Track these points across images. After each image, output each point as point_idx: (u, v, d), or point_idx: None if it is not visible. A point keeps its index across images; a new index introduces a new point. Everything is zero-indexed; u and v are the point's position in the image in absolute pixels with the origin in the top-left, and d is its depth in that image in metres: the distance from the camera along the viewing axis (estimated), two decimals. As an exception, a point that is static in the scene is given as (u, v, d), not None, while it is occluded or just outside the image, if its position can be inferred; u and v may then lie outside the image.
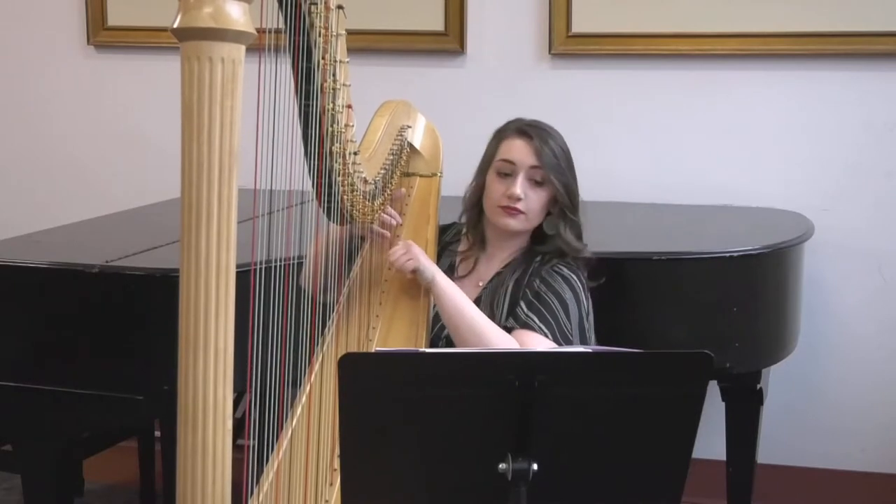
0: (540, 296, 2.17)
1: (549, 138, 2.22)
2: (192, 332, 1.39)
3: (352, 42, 1.96)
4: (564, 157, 2.22)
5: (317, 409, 2.04)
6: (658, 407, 1.55)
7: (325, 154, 1.94)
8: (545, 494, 1.56)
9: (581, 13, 3.27)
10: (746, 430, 2.76)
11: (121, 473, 3.41)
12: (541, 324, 2.13)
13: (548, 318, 2.14)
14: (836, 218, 3.17)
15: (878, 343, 3.23)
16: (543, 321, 2.14)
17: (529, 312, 2.15)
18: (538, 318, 2.14)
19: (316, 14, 1.83)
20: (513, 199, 2.18)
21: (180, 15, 1.36)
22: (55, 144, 3.74)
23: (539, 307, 2.15)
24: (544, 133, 2.22)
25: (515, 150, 2.21)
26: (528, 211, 2.20)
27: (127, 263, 2.36)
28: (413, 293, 2.23)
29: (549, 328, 2.13)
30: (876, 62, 3.13)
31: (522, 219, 2.21)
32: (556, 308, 2.15)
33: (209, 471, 1.42)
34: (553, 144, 2.21)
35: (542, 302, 2.16)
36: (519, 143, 2.21)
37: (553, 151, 2.20)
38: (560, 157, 2.21)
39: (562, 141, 2.24)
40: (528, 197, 2.19)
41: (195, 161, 1.37)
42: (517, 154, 2.20)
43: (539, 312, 2.15)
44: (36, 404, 2.36)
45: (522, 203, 2.19)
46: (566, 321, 2.15)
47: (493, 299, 2.22)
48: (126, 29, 3.61)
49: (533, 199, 2.20)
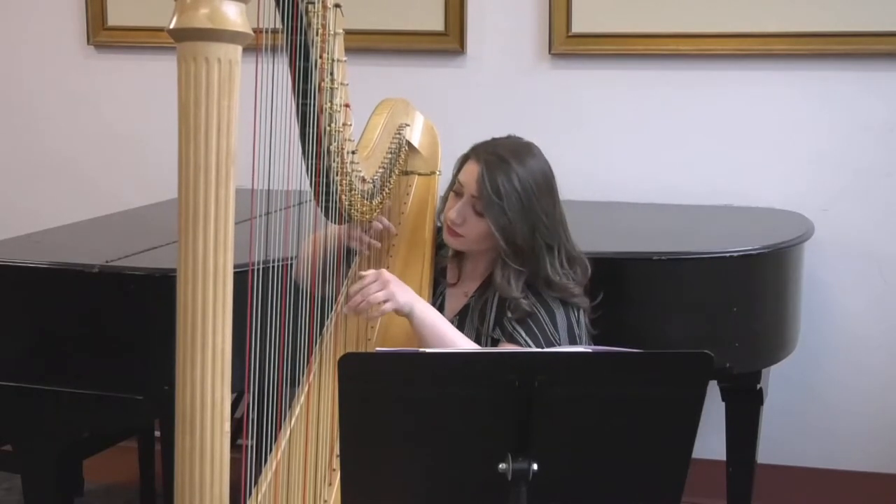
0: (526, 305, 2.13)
1: (505, 171, 2.09)
2: (190, 333, 1.39)
3: (352, 42, 1.96)
4: (516, 196, 2.08)
5: (315, 409, 2.04)
6: (658, 407, 1.55)
7: (322, 153, 1.94)
8: (545, 494, 1.56)
9: (581, 13, 3.26)
10: (746, 430, 2.76)
11: (121, 473, 3.41)
12: (527, 336, 2.11)
13: (534, 329, 2.11)
14: (836, 218, 3.17)
15: (878, 343, 3.23)
16: (529, 333, 2.11)
17: (516, 324, 2.12)
18: (524, 331, 2.11)
19: (313, 13, 1.83)
20: (448, 219, 2.17)
21: (176, 16, 1.35)
22: (55, 144, 3.74)
23: (525, 318, 2.12)
24: (504, 166, 2.10)
25: (467, 174, 2.15)
26: (467, 234, 2.16)
27: (127, 263, 2.36)
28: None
29: (534, 340, 2.10)
30: (876, 62, 3.13)
31: (462, 241, 2.18)
32: (543, 318, 2.12)
33: (207, 473, 1.42)
34: (503, 178, 2.08)
35: (529, 314, 2.13)
36: (470, 167, 2.15)
37: (499, 187, 2.08)
38: (506, 193, 2.08)
39: (527, 176, 2.10)
40: (467, 223, 2.15)
41: (192, 162, 1.37)
42: (465, 178, 2.15)
43: (525, 324, 2.12)
44: (36, 404, 2.36)
45: (460, 228, 2.16)
46: (553, 331, 2.12)
47: (479, 308, 2.20)
48: (126, 29, 3.61)
49: (471, 226, 2.15)
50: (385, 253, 2.31)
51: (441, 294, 2.27)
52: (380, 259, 2.30)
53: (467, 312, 2.22)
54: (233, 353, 1.43)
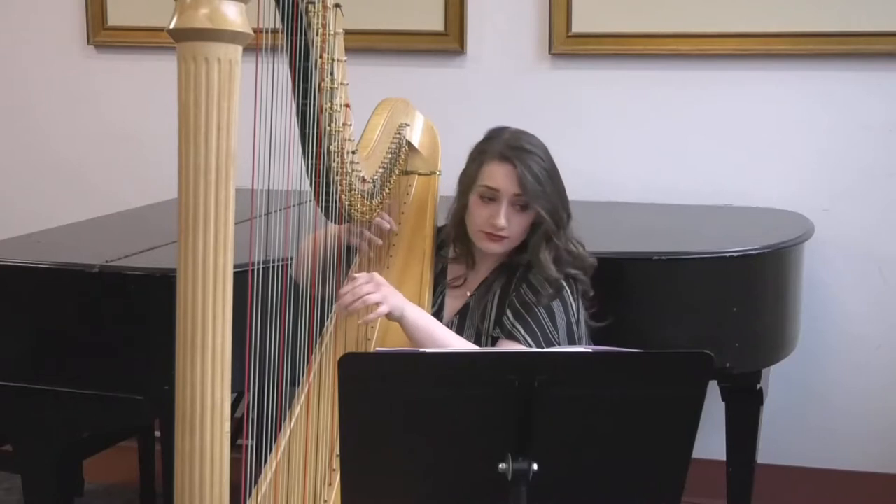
0: (527, 304, 2.14)
1: (532, 159, 2.13)
2: (190, 334, 1.39)
3: (352, 42, 1.96)
4: (548, 177, 2.13)
5: (315, 409, 2.04)
6: (658, 407, 1.55)
7: (322, 153, 1.94)
8: (545, 494, 1.56)
9: (581, 13, 3.26)
10: (746, 430, 2.76)
11: (121, 473, 3.41)
12: (525, 334, 2.11)
13: (533, 327, 2.12)
14: (837, 218, 3.17)
15: (878, 343, 3.23)
16: (528, 331, 2.11)
17: (515, 322, 2.13)
18: (523, 328, 2.11)
19: (313, 13, 1.83)
20: (496, 227, 2.15)
21: (176, 16, 1.35)
22: (55, 144, 3.74)
23: (525, 316, 2.13)
24: (526, 154, 2.13)
25: (499, 178, 2.14)
26: (512, 234, 2.16)
27: (127, 263, 2.36)
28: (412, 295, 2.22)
29: (533, 338, 2.10)
30: (876, 62, 3.13)
31: (506, 242, 2.17)
32: (543, 317, 2.13)
33: (207, 474, 1.42)
34: (536, 166, 2.12)
35: (528, 310, 2.13)
36: (501, 169, 2.14)
37: (536, 175, 2.11)
38: (543, 179, 2.12)
39: (544, 154, 2.16)
40: (512, 223, 2.15)
41: (192, 162, 1.37)
42: (500, 182, 2.13)
43: (524, 322, 2.12)
44: (36, 404, 2.36)
45: (506, 230, 2.15)
46: (552, 329, 2.12)
47: (480, 307, 2.21)
48: (126, 29, 3.60)
49: (516, 223, 2.15)
50: (385, 252, 2.31)
51: (441, 294, 2.27)
52: (380, 258, 2.30)
53: (467, 312, 2.22)
54: (233, 353, 1.43)
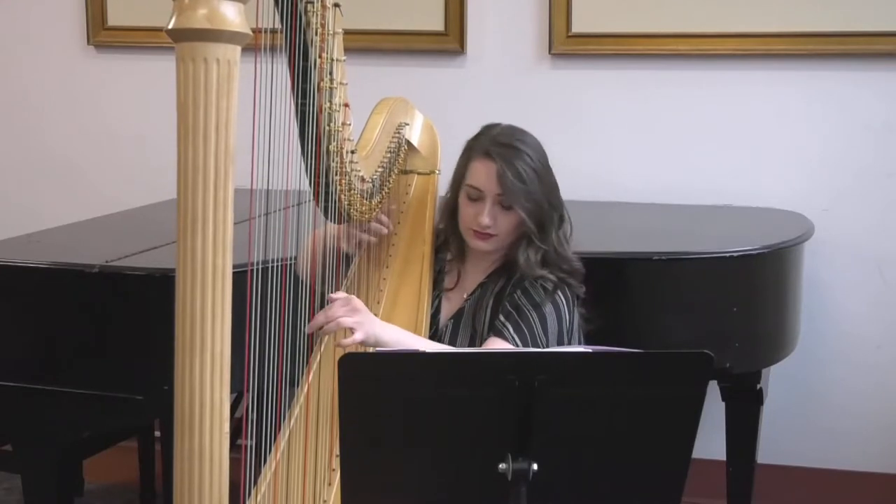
0: (519, 308, 2.13)
1: (518, 157, 2.11)
2: (189, 334, 1.39)
3: (351, 42, 1.96)
4: (535, 176, 2.12)
5: (315, 409, 2.04)
6: (658, 407, 1.55)
7: (322, 153, 1.94)
8: (545, 494, 1.56)
9: (581, 13, 3.26)
10: (746, 430, 2.76)
11: (121, 473, 3.41)
12: (514, 333, 2.11)
13: (522, 327, 2.11)
14: (837, 218, 3.17)
15: (878, 343, 3.23)
16: (517, 330, 2.11)
17: (505, 321, 2.13)
18: (512, 327, 2.11)
19: (312, 13, 1.83)
20: (482, 226, 2.15)
21: (175, 16, 1.35)
22: (55, 144, 3.74)
23: (515, 317, 2.12)
24: (511, 152, 2.11)
25: (482, 177, 2.14)
26: (500, 232, 2.16)
27: (127, 263, 2.36)
28: (411, 295, 2.22)
29: (521, 337, 2.10)
30: (876, 62, 3.13)
31: (494, 240, 2.17)
32: (534, 321, 2.12)
33: (206, 475, 1.41)
34: (521, 165, 2.10)
35: (520, 314, 2.13)
36: (484, 168, 2.13)
37: (519, 174, 2.10)
38: (528, 178, 2.10)
39: (535, 152, 2.14)
40: (498, 221, 2.14)
41: (191, 163, 1.36)
42: (482, 181, 2.13)
43: (514, 321, 2.12)
44: (36, 404, 2.36)
45: (492, 228, 2.15)
46: (542, 335, 2.11)
47: (475, 311, 2.21)
48: (126, 29, 3.60)
49: (503, 222, 2.15)
50: (384, 251, 2.31)
51: (437, 297, 2.27)
52: (379, 257, 2.30)
53: (462, 315, 2.22)
54: (232, 353, 1.43)
